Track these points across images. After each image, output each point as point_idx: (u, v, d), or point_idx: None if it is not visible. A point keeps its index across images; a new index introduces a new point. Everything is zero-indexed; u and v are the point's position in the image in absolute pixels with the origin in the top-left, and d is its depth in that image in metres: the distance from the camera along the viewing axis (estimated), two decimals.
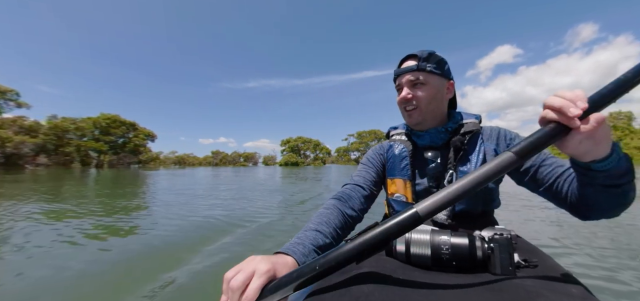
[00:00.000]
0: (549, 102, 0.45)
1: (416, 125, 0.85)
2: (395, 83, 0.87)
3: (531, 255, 0.65)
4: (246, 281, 0.46)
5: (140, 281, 1.75)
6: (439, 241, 0.60)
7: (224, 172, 18.69)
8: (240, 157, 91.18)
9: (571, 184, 0.64)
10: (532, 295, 0.40)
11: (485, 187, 0.64)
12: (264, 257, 0.51)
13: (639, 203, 1.63)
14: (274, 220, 3.64)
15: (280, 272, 0.50)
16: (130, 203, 4.96)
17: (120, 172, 19.41)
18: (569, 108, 0.43)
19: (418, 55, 0.81)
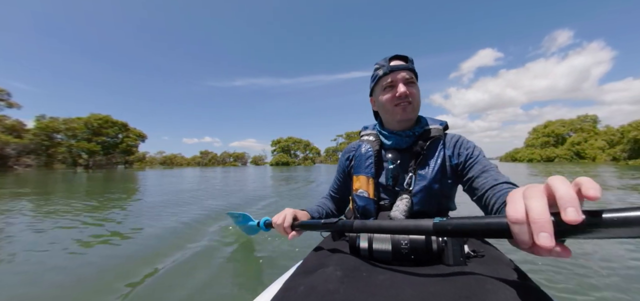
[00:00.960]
0: (519, 213, 0.33)
1: (407, 121, 0.87)
2: (385, 81, 0.87)
3: (479, 246, 0.74)
4: (281, 218, 0.85)
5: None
6: (399, 237, 0.64)
7: (212, 173, 17.73)
8: (230, 156, 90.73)
9: (498, 199, 0.71)
10: (480, 282, 0.45)
11: (441, 192, 0.86)
12: (292, 209, 0.90)
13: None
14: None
15: (300, 216, 0.90)
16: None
17: (108, 173, 18.55)
18: (538, 234, 0.30)
19: (408, 58, 0.88)
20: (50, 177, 12.96)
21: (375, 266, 0.60)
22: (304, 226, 0.81)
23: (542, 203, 0.31)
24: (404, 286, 0.49)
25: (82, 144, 37.60)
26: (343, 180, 1.05)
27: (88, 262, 1.94)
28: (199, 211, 3.88)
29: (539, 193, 0.33)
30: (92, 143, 38.67)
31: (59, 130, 36.47)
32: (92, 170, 28.94)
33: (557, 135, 55.57)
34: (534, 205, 0.32)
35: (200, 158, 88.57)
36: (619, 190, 5.73)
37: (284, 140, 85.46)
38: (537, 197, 0.32)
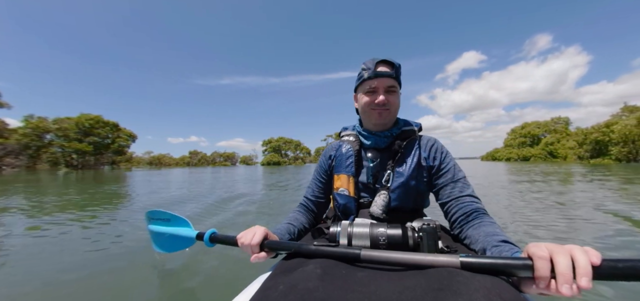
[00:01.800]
0: (543, 259, 0.44)
1: (382, 126, 0.93)
2: (368, 85, 0.90)
3: (451, 243, 0.80)
4: (250, 235, 0.73)
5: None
6: (376, 233, 0.67)
7: (201, 174, 16.53)
8: (220, 156, 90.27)
9: (459, 211, 0.81)
10: (452, 274, 0.47)
11: (417, 189, 0.90)
12: (263, 227, 0.77)
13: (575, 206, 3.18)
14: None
15: (270, 237, 0.77)
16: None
17: (93, 174, 17.96)
18: (563, 285, 0.42)
19: (393, 64, 0.90)
20: (26, 179, 11.83)
21: (355, 264, 0.61)
22: (274, 247, 0.73)
23: (569, 261, 0.42)
24: (382, 282, 0.51)
25: (74, 144, 37.11)
26: (324, 180, 1.05)
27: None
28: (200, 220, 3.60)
29: (566, 252, 0.43)
30: (84, 144, 38.21)
31: (49, 130, 35.88)
32: (79, 171, 28.15)
33: (533, 135, 59.64)
34: (562, 260, 0.42)
35: (189, 158, 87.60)
36: (582, 183, 7.45)
37: (275, 140, 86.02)
38: (565, 254, 0.43)
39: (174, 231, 1.13)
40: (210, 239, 0.89)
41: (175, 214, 1.15)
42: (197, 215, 3.94)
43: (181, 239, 1.11)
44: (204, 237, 0.90)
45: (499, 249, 0.61)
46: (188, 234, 1.06)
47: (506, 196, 5.22)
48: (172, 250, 1.22)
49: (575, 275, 0.41)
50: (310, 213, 1.05)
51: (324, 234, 0.92)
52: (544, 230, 2.79)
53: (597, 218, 3.22)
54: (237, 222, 3.48)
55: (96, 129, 40.47)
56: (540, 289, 0.45)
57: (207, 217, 3.76)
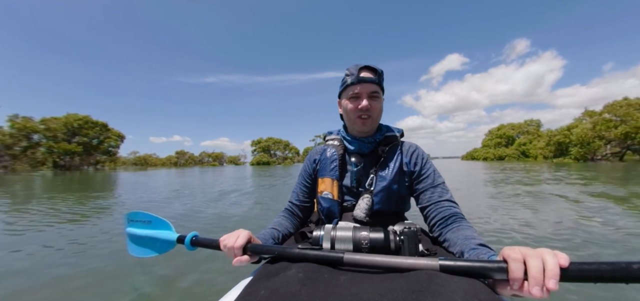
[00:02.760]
0: (517, 261, 0.47)
1: (366, 132, 0.95)
2: (351, 90, 0.92)
3: (431, 246, 0.83)
4: (233, 238, 0.73)
5: None
6: (359, 237, 0.68)
7: (190, 176, 15.36)
8: (208, 157, 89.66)
9: (437, 215, 0.85)
10: (431, 276, 0.48)
11: (399, 193, 0.93)
12: (247, 231, 0.76)
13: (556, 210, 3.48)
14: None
15: (254, 241, 0.77)
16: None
17: (74, 176, 17.35)
18: (534, 287, 0.44)
19: (376, 70, 0.91)
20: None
21: (337, 268, 0.62)
22: (257, 251, 0.72)
23: (541, 264, 0.45)
24: (364, 285, 0.52)
25: (63, 145, 36.66)
26: (308, 184, 1.06)
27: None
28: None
29: (538, 255, 0.46)
30: (73, 144, 37.79)
31: (37, 131, 35.28)
32: (60, 172, 27.39)
33: (508, 136, 64.15)
34: (534, 264, 0.45)
35: (176, 159, 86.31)
36: (544, 178, 9.57)
37: (264, 140, 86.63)
38: (536, 257, 0.46)
39: (153, 234, 1.07)
40: (191, 242, 0.87)
41: (156, 216, 1.09)
42: (188, 216, 3.97)
43: (161, 242, 1.05)
44: (185, 240, 0.88)
45: (476, 252, 0.65)
46: (168, 237, 1.00)
47: (470, 188, 7.12)
48: (150, 254, 1.13)
49: (545, 277, 0.44)
50: (296, 218, 1.06)
51: (307, 238, 0.92)
52: (500, 217, 3.49)
53: (541, 208, 4.25)
54: (222, 225, 3.47)
55: (85, 129, 40.02)
56: (514, 290, 0.47)
57: (195, 219, 3.74)
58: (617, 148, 30.41)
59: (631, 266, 0.40)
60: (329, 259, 0.61)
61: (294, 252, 0.65)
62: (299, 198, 1.07)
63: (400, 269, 0.55)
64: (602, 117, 31.76)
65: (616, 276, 0.41)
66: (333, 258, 0.61)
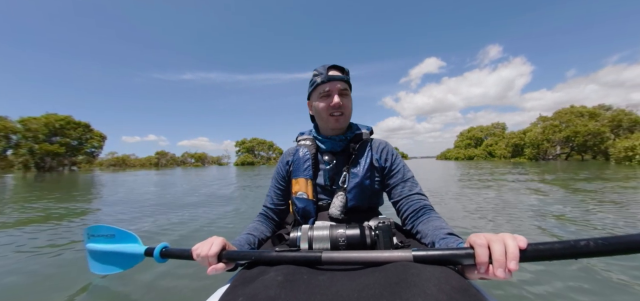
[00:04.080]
0: (482, 246, 0.51)
1: (339, 130, 0.97)
2: (322, 89, 0.93)
3: (404, 239, 0.85)
4: (207, 246, 0.71)
5: None
6: (336, 235, 0.70)
7: (171, 179, 13.42)
8: (191, 157, 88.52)
9: (409, 208, 0.89)
10: (406, 267, 0.51)
11: (371, 189, 0.95)
12: (221, 238, 0.74)
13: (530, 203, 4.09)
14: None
15: (229, 248, 0.74)
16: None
17: (60, 177, 16.35)
18: (498, 269, 0.49)
19: (344, 69, 0.94)
20: None
21: (317, 268, 0.62)
22: (233, 257, 0.71)
23: (503, 248, 0.49)
24: (344, 282, 0.53)
25: (44, 146, 35.98)
26: (282, 186, 1.06)
27: None
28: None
29: (500, 240, 0.50)
30: (55, 145, 37.15)
31: (16, 131, 34.45)
32: (43, 173, 26.12)
33: (477, 138, 70.15)
34: (497, 248, 0.49)
35: (156, 159, 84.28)
36: (496, 174, 12.39)
37: (248, 141, 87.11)
38: (499, 242, 0.50)
39: (118, 248, 0.99)
40: (161, 254, 0.83)
41: (120, 229, 1.01)
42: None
43: (127, 257, 0.97)
44: (154, 253, 0.84)
45: (445, 241, 0.69)
46: (135, 251, 0.93)
47: (438, 181, 9.65)
48: (115, 270, 1.05)
49: (506, 259, 0.48)
50: (271, 222, 1.06)
51: (284, 240, 0.93)
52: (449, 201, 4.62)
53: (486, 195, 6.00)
54: (194, 236, 3.11)
55: (67, 130, 39.36)
56: (481, 274, 0.52)
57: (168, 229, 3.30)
58: (567, 149, 35.43)
59: (578, 243, 0.46)
60: (307, 259, 0.62)
61: (272, 255, 0.65)
62: (273, 201, 1.06)
63: (377, 263, 0.57)
64: (550, 122, 36.81)
65: (566, 254, 0.47)
66: (311, 258, 0.62)
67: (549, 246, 0.48)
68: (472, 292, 0.46)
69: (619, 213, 3.42)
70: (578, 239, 0.47)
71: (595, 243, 0.45)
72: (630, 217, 3.23)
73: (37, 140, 35.75)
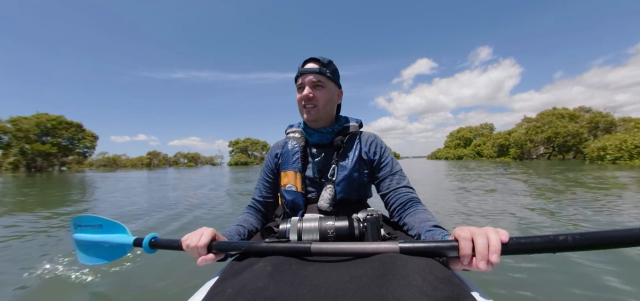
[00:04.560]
0: (466, 239, 0.53)
1: (312, 121, 0.96)
2: (297, 82, 0.95)
3: (392, 231, 0.89)
4: (197, 237, 0.70)
5: None
6: (325, 227, 0.71)
7: (172, 180, 12.11)
8: (183, 157, 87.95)
9: (397, 200, 0.91)
10: (392, 259, 0.53)
11: (360, 181, 0.97)
12: (211, 228, 0.73)
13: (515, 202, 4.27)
14: None
15: (219, 238, 0.75)
16: None
17: (49, 177, 15.96)
18: (481, 261, 0.51)
19: (320, 60, 0.93)
20: None
21: (305, 259, 0.63)
22: (223, 248, 0.70)
23: (486, 241, 0.51)
24: (332, 273, 0.54)
25: (36, 146, 35.68)
26: (271, 179, 1.06)
27: None
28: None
29: (483, 233, 0.52)
30: (47, 145, 36.85)
31: (6, 131, 34.08)
32: (33, 174, 25.27)
33: (466, 138, 72.27)
34: (480, 241, 0.51)
35: (148, 159, 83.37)
36: (477, 173, 13.50)
37: (242, 141, 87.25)
38: (482, 235, 0.52)
39: (106, 238, 0.98)
40: (150, 244, 0.83)
41: (108, 219, 1.00)
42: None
43: (115, 247, 0.97)
44: (143, 243, 0.83)
45: (431, 233, 0.71)
46: (124, 241, 0.93)
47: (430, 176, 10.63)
48: (103, 261, 1.02)
49: (489, 252, 0.50)
50: (260, 214, 1.05)
51: (274, 232, 0.93)
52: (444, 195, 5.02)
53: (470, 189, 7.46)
54: (185, 226, 3.30)
55: (59, 130, 39.05)
56: (464, 266, 0.54)
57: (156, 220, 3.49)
58: (549, 149, 37.29)
59: (558, 238, 0.48)
60: (297, 250, 0.63)
61: (262, 246, 0.65)
62: (262, 194, 1.06)
63: (365, 254, 0.58)
64: (533, 124, 38.66)
65: (546, 248, 0.49)
66: (301, 249, 0.62)
67: (530, 240, 0.50)
68: (455, 282, 0.48)
69: (560, 202, 4.34)
70: (557, 234, 0.49)
71: (573, 238, 0.47)
72: (569, 204, 4.18)
73: (29, 140, 35.41)
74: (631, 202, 4.18)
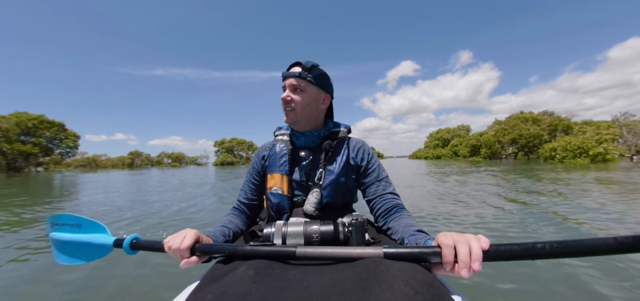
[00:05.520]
0: (449, 247, 0.54)
1: (292, 124, 0.98)
2: (282, 85, 0.96)
3: (376, 235, 0.91)
4: (180, 239, 0.69)
5: None
6: (310, 231, 0.71)
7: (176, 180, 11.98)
8: (167, 157, 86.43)
9: (382, 206, 0.93)
10: (376, 263, 0.53)
11: (346, 186, 0.97)
12: (194, 230, 0.71)
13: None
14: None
15: (203, 240, 0.73)
16: None
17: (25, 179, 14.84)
18: (463, 269, 0.52)
19: (303, 65, 0.94)
20: None
21: (289, 263, 0.62)
22: (207, 251, 0.69)
23: (468, 249, 0.53)
24: (315, 277, 0.54)
25: (17, 146, 34.86)
26: (256, 181, 1.06)
27: None
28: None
29: (465, 241, 0.53)
30: (28, 145, 36.06)
31: None
32: (12, 174, 24.29)
33: (444, 139, 76.60)
34: (462, 249, 0.53)
35: (130, 159, 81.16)
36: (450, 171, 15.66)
37: (227, 141, 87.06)
38: (464, 243, 0.53)
39: (84, 238, 0.93)
40: (131, 246, 0.80)
41: (87, 218, 0.95)
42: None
43: (94, 247, 0.92)
44: (124, 244, 0.80)
45: (414, 237, 0.73)
46: (103, 241, 0.89)
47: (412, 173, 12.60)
48: (82, 261, 0.97)
49: (470, 259, 0.52)
50: (244, 216, 1.05)
51: (258, 236, 0.93)
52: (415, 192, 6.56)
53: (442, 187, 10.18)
54: (169, 225, 3.27)
55: (40, 129, 38.25)
56: (446, 271, 0.55)
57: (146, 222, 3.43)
58: (516, 149, 41.02)
59: (536, 246, 0.50)
60: (281, 254, 0.63)
61: (246, 249, 0.64)
62: (247, 196, 1.06)
63: (350, 259, 0.58)
64: (502, 126, 42.45)
65: (524, 255, 0.51)
66: (286, 253, 0.62)
67: (509, 248, 0.52)
68: (436, 286, 0.49)
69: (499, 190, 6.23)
70: (535, 242, 0.51)
71: (551, 246, 0.49)
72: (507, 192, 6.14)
73: (9, 140, 34.53)
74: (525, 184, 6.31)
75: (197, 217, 4.07)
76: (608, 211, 3.73)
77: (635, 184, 6.30)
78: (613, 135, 24.56)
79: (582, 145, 21.97)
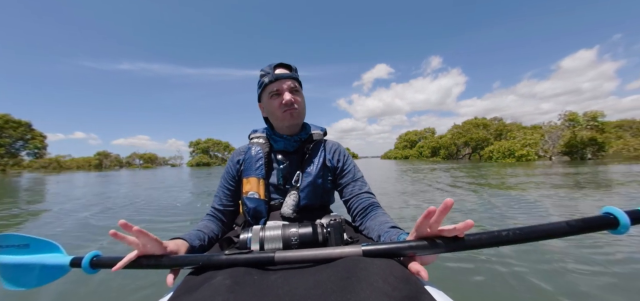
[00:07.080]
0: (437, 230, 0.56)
1: (295, 125, 0.97)
2: (269, 89, 0.93)
3: (354, 234, 0.92)
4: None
5: None
6: (289, 234, 0.70)
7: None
8: (139, 158, 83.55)
9: (358, 206, 0.95)
10: (355, 262, 0.54)
11: (323, 188, 0.98)
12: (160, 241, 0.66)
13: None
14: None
15: (174, 247, 0.70)
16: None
17: None
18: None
19: (291, 66, 0.95)
20: None
21: (268, 269, 0.61)
22: (179, 263, 0.65)
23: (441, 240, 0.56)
24: (296, 280, 0.53)
25: None
26: (231, 186, 1.03)
27: None
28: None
29: (439, 232, 0.56)
30: None
31: None
32: None
33: (412, 141, 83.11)
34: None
35: (97, 160, 77.23)
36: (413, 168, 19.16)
37: (203, 141, 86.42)
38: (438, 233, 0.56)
39: (34, 260, 0.84)
40: (91, 264, 0.72)
41: (36, 237, 0.86)
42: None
43: (47, 269, 0.82)
44: (83, 263, 0.72)
45: (389, 234, 0.75)
46: (58, 261, 0.80)
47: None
48: (33, 285, 0.86)
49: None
50: (220, 223, 1.02)
51: (234, 243, 0.89)
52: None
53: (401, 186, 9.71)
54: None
55: (6, 130, 36.80)
56: (423, 263, 0.57)
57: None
58: (470, 150, 46.89)
59: (501, 233, 0.54)
60: (260, 260, 0.61)
61: (222, 259, 0.61)
62: (222, 202, 1.03)
63: (329, 259, 0.59)
64: (457, 130, 48.44)
65: (491, 242, 0.54)
66: (264, 259, 0.61)
67: (478, 237, 0.55)
68: (413, 280, 0.51)
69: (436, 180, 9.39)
70: (500, 230, 0.54)
71: (514, 233, 0.53)
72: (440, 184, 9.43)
73: None
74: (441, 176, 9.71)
75: (167, 225, 3.64)
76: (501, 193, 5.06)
77: (530, 177, 8.42)
78: (535, 139, 30.30)
79: (510, 148, 27.40)
